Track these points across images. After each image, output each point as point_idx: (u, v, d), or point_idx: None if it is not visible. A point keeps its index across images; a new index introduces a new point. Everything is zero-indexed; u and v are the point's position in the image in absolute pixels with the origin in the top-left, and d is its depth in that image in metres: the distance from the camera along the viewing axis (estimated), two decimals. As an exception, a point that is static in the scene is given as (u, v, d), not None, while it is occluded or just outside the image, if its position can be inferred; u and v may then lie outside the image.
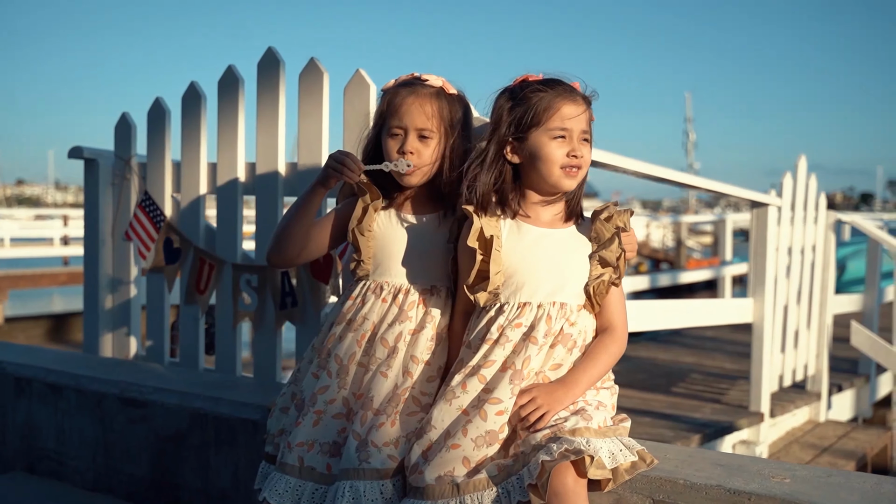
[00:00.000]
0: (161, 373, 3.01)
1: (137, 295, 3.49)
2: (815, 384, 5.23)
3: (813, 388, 5.22)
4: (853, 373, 5.99)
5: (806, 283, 5.07)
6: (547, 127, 1.90)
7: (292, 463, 2.01)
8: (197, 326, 3.21)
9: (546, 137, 1.91)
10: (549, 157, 1.91)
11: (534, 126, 1.91)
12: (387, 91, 2.13)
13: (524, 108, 1.93)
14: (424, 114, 2.05)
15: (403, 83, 2.11)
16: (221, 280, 3.09)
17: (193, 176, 3.22)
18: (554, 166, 1.91)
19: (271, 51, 2.99)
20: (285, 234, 2.16)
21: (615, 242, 1.95)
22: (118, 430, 2.81)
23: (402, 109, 2.06)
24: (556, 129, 1.90)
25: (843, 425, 5.24)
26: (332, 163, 2.06)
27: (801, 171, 4.86)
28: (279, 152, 2.98)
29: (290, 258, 2.19)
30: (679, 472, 1.87)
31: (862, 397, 6.00)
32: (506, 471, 1.83)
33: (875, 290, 5.99)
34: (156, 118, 3.34)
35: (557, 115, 1.90)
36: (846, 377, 5.83)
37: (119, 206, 3.46)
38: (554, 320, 1.93)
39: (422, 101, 2.06)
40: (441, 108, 2.06)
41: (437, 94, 2.07)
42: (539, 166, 1.92)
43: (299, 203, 2.14)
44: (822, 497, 1.70)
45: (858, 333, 5.25)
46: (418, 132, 2.05)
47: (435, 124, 2.05)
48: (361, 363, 2.06)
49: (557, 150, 1.90)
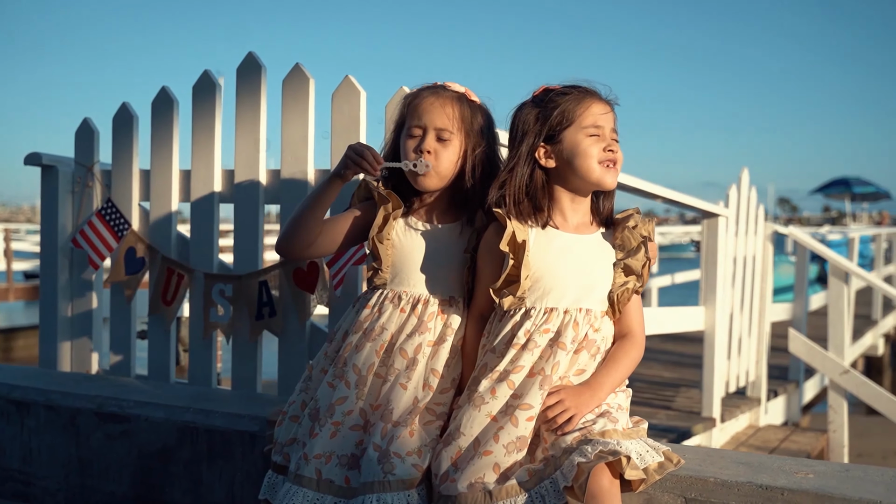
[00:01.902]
0: (139, 387, 2.90)
1: (99, 306, 3.35)
2: (754, 390, 5.41)
3: (753, 394, 5.40)
4: (784, 379, 6.22)
5: (748, 292, 5.25)
6: (581, 125, 1.92)
7: (310, 476, 1.96)
8: (167, 338, 3.11)
9: (581, 135, 1.92)
10: (586, 152, 1.92)
11: (567, 126, 1.93)
12: (407, 96, 2.12)
13: (554, 112, 1.93)
14: (445, 114, 2.03)
15: (425, 87, 2.10)
16: (194, 290, 3.00)
17: (164, 184, 3.12)
18: (593, 161, 1.92)
19: (252, 55, 2.93)
20: (297, 223, 2.10)
21: (641, 251, 1.98)
22: (95, 447, 2.69)
23: (422, 108, 2.05)
24: (591, 127, 1.93)
25: (783, 429, 5.44)
26: (352, 154, 2.02)
27: (744, 184, 5.03)
28: (260, 159, 2.92)
29: (300, 249, 2.13)
30: (705, 470, 1.90)
31: (792, 402, 6.23)
32: (537, 475, 1.83)
33: (804, 298, 6.24)
34: (122, 124, 3.23)
35: (589, 113, 1.93)
36: (778, 383, 6.05)
37: (80, 215, 3.32)
38: (580, 326, 1.94)
39: (442, 102, 2.05)
40: (462, 112, 2.05)
41: (459, 99, 2.06)
42: (578, 164, 1.93)
43: (314, 193, 2.09)
44: (850, 490, 1.76)
45: (795, 340, 5.46)
46: (437, 132, 2.03)
47: (455, 126, 2.03)
48: (379, 374, 2.02)
49: (594, 146, 1.93)
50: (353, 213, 2.14)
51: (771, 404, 5.74)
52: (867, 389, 5.45)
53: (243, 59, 2.94)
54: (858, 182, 31.70)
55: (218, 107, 3.01)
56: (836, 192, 32.42)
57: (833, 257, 5.74)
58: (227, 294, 2.90)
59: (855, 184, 31.46)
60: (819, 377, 7.00)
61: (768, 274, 5.43)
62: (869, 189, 31.68)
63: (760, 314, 5.40)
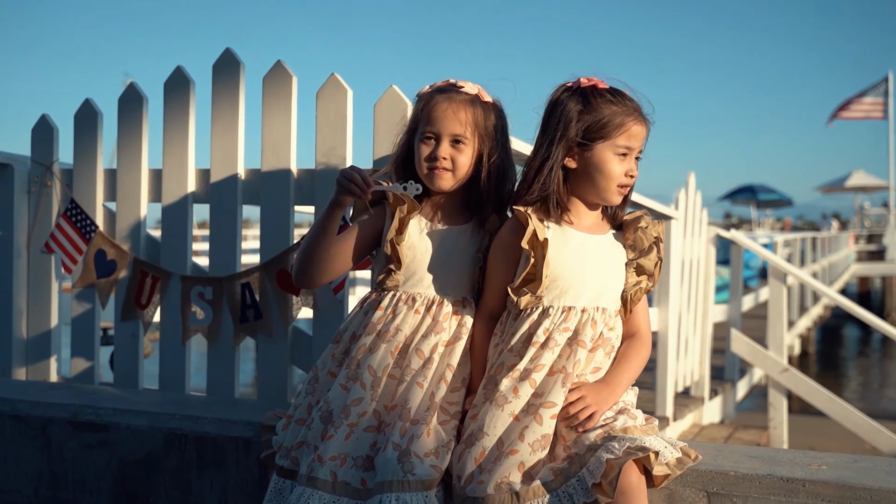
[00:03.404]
0: (114, 394, 2.78)
1: (59, 312, 3.20)
2: (698, 389, 5.54)
3: (697, 393, 5.53)
4: (720, 379, 6.40)
5: (693, 294, 5.38)
6: (614, 142, 1.91)
7: (324, 478, 1.92)
8: (136, 343, 2.99)
9: (611, 152, 1.92)
10: (610, 173, 1.92)
11: (602, 139, 1.91)
12: (421, 96, 2.09)
13: (596, 118, 1.91)
14: (458, 120, 2.02)
15: (438, 89, 2.08)
16: (168, 293, 2.90)
17: (133, 183, 3.00)
18: (612, 183, 1.93)
19: (229, 51, 2.86)
20: (307, 258, 2.08)
21: (654, 251, 2.00)
22: (69, 457, 2.56)
23: (436, 114, 2.03)
24: (622, 147, 1.92)
25: (725, 427, 5.60)
26: (342, 180, 2.00)
27: (690, 188, 5.16)
28: (238, 157, 2.84)
29: (319, 277, 2.11)
30: (722, 464, 1.93)
31: (728, 401, 6.41)
32: (563, 474, 1.82)
33: (738, 301, 6.44)
34: (85, 121, 3.10)
35: (626, 134, 1.91)
36: (717, 383, 6.22)
37: (38, 216, 3.17)
38: (598, 325, 1.95)
39: (456, 108, 2.03)
40: (476, 115, 2.04)
41: (472, 101, 2.05)
42: (597, 179, 1.93)
43: (318, 226, 2.07)
44: (868, 480, 1.81)
45: (738, 340, 5.62)
46: (452, 138, 2.02)
47: (469, 131, 2.02)
48: (393, 375, 2.00)
49: (618, 166, 1.93)
50: (363, 224, 2.10)
51: (711, 403, 5.89)
52: (806, 387, 5.65)
53: (220, 56, 2.86)
54: (763, 189, 32.98)
55: (192, 104, 2.92)
56: (742, 199, 33.65)
57: (773, 259, 5.93)
58: (208, 297, 2.81)
59: (760, 191, 32.72)
60: (748, 377, 7.24)
61: (711, 276, 5.57)
62: (773, 196, 33.01)
63: (704, 315, 5.54)
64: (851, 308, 5.88)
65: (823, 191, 36.38)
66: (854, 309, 5.85)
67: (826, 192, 36.74)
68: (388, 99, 2.57)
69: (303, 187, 2.76)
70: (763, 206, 34.69)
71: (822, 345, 16.85)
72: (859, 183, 32.51)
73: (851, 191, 34.15)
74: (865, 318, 5.75)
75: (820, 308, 15.54)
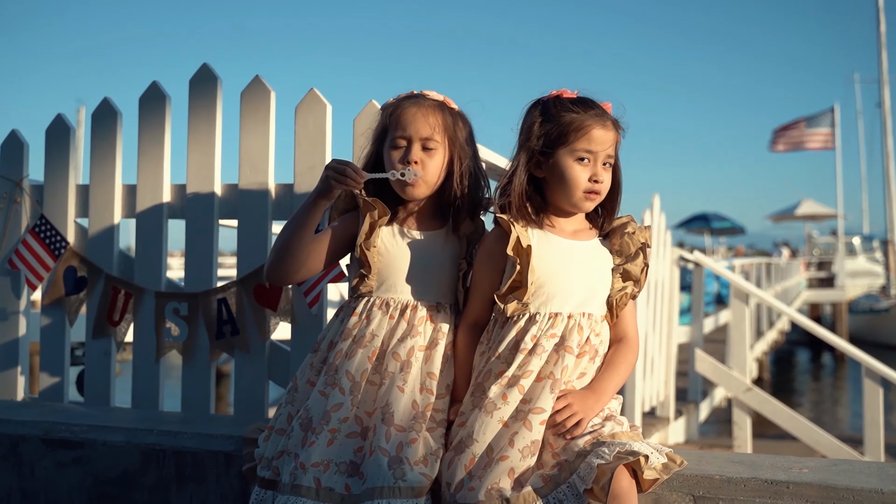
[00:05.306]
0: (86, 412, 2.73)
1: (26, 330, 3.14)
2: (664, 409, 5.60)
3: (663, 414, 5.58)
4: (683, 400, 6.46)
5: (658, 315, 5.45)
6: (573, 147, 1.94)
7: (308, 485, 1.91)
8: (108, 361, 2.95)
9: (570, 159, 1.95)
10: (573, 179, 1.95)
11: (560, 145, 1.95)
12: (388, 106, 2.11)
13: (554, 125, 1.96)
14: (428, 124, 2.05)
15: (405, 97, 2.11)
16: (141, 310, 2.87)
17: (106, 199, 2.97)
18: (577, 189, 1.96)
19: (206, 66, 2.86)
20: (285, 249, 2.06)
21: (640, 257, 2.03)
22: (41, 476, 2.51)
23: (405, 119, 2.05)
24: (582, 151, 1.95)
25: (691, 446, 5.64)
26: (332, 172, 2.00)
27: (655, 209, 5.24)
28: (215, 173, 2.83)
29: (292, 273, 2.09)
30: (706, 470, 1.96)
31: (692, 422, 6.47)
32: (553, 481, 1.84)
33: (700, 322, 6.53)
34: (57, 136, 3.06)
35: (585, 138, 1.94)
36: (681, 404, 6.28)
37: (6, 232, 3.12)
38: (584, 330, 1.97)
39: (425, 112, 2.06)
40: (444, 120, 2.07)
41: (440, 107, 2.08)
42: (562, 186, 1.97)
43: (300, 216, 2.06)
44: (848, 481, 1.85)
45: (702, 360, 5.69)
46: (422, 142, 2.04)
47: (439, 135, 2.05)
48: (372, 381, 2.00)
49: (581, 172, 1.95)
50: (337, 228, 2.11)
51: (675, 424, 5.95)
52: (769, 406, 5.73)
53: (197, 71, 2.86)
54: (716, 217, 33.46)
55: (167, 118, 2.90)
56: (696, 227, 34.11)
57: (735, 280, 6.04)
58: (183, 313, 2.78)
59: (713, 219, 33.20)
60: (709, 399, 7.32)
61: (675, 297, 5.65)
62: (726, 224, 33.50)
63: (669, 336, 5.61)
64: (813, 328, 6.00)
65: (774, 219, 37.07)
66: (816, 329, 5.97)
67: (776, 221, 37.43)
68: (368, 113, 2.59)
69: (281, 203, 2.75)
70: (717, 233, 35.18)
71: (776, 367, 17.12)
72: (809, 212, 33.23)
73: (801, 219, 34.86)
74: (827, 337, 5.86)
75: (775, 333, 15.80)
